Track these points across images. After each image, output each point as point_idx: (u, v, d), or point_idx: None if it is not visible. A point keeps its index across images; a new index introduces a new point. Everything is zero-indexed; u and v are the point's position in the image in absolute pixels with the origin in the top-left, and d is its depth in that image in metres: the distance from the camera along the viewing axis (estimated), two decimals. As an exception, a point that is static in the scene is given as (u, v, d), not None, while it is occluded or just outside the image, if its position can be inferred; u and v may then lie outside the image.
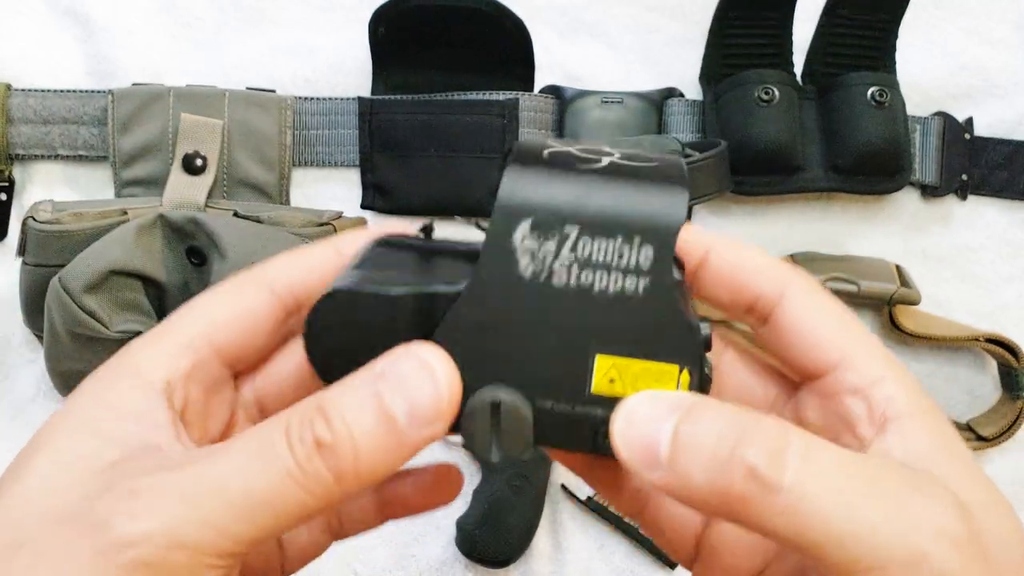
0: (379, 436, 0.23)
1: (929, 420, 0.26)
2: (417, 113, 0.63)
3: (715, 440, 0.22)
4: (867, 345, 0.27)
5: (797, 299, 0.27)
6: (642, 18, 0.67)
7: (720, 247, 0.28)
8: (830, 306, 0.27)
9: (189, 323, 0.27)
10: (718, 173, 0.58)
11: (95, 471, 0.23)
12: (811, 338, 0.27)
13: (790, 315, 0.27)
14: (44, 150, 0.63)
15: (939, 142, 0.66)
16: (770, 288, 0.28)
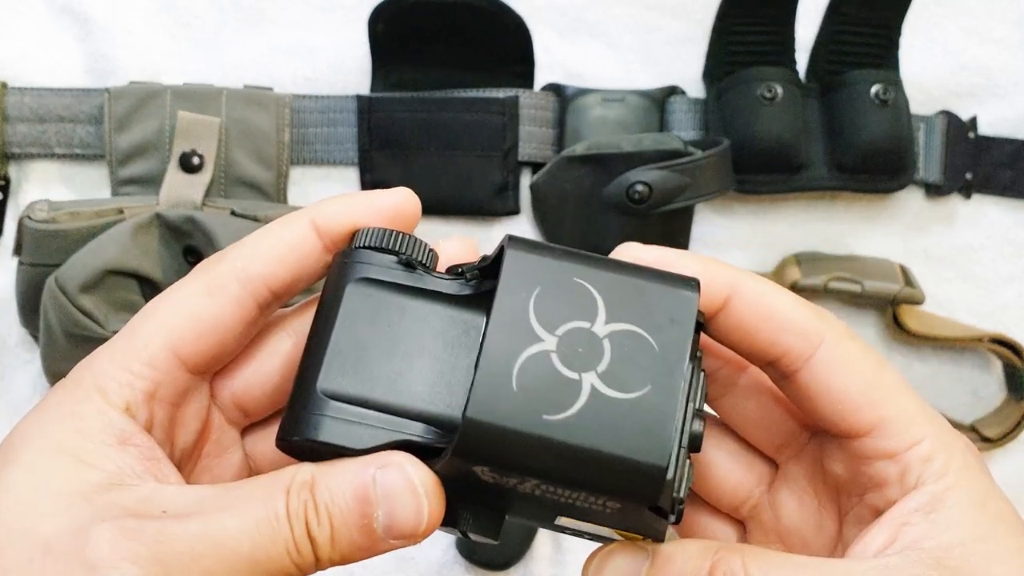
0: (357, 539, 0.24)
1: (962, 484, 0.24)
2: (416, 111, 0.62)
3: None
4: (905, 405, 0.26)
5: (828, 358, 0.26)
6: (643, 17, 0.67)
7: (745, 290, 0.26)
8: (867, 363, 0.26)
9: (150, 333, 0.26)
10: (720, 171, 0.57)
11: (81, 496, 0.23)
12: (845, 400, 0.26)
13: (820, 375, 0.26)
14: (40, 149, 0.63)
15: (943, 141, 0.65)
16: (799, 345, 0.26)
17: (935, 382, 0.66)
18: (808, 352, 0.26)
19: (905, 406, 0.26)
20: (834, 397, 0.26)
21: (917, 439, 0.25)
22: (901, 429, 0.25)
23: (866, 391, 0.26)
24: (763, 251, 0.65)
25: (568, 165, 0.58)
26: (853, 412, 0.26)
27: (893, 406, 0.26)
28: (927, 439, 0.25)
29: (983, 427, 0.64)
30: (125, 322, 0.54)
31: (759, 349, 0.26)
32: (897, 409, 0.26)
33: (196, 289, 0.26)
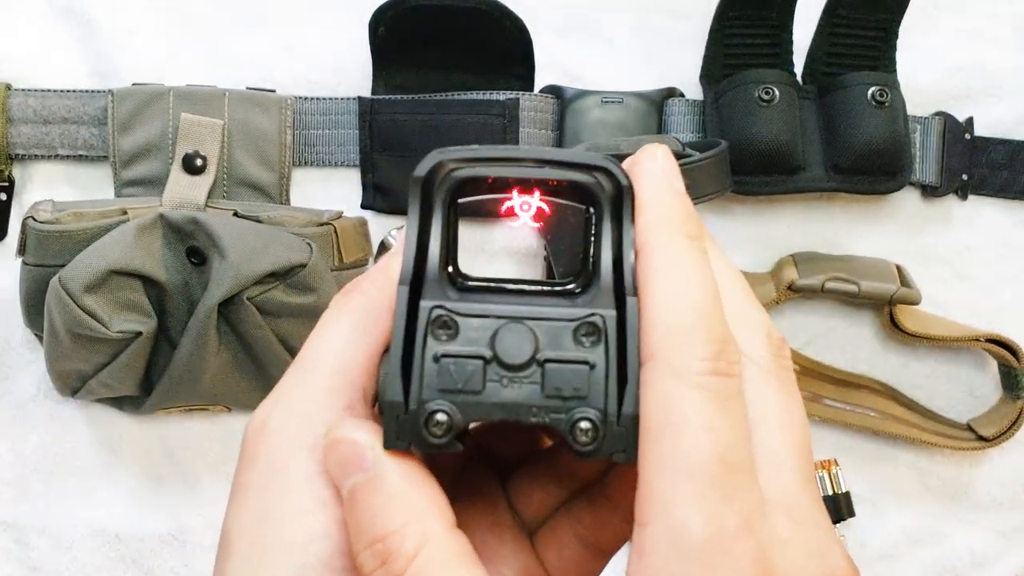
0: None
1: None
2: (417, 113, 0.63)
3: (356, 532, 0.22)
4: (676, 465, 0.21)
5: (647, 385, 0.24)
6: (642, 18, 0.67)
7: None
8: (682, 398, 0.23)
9: (320, 366, 0.24)
10: (719, 173, 0.58)
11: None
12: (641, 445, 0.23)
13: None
14: (44, 150, 0.63)
15: (939, 142, 0.66)
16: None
17: (931, 382, 0.67)
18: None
19: (655, 475, 0.22)
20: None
21: (644, 521, 0.21)
22: (642, 498, 0.22)
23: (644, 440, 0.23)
24: (761, 252, 0.66)
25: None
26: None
27: (649, 469, 0.22)
28: (651, 528, 0.21)
29: (979, 426, 0.64)
30: (128, 322, 0.55)
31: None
32: (650, 474, 0.22)
33: (361, 316, 0.25)
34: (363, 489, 0.22)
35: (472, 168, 0.24)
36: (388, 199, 0.64)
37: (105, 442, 0.63)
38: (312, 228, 0.59)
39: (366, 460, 0.22)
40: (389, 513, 0.22)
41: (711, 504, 0.20)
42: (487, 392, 0.22)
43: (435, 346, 0.22)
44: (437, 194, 0.24)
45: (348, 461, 0.22)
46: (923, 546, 0.66)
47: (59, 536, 0.63)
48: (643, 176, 0.24)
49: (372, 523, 0.22)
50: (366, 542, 0.21)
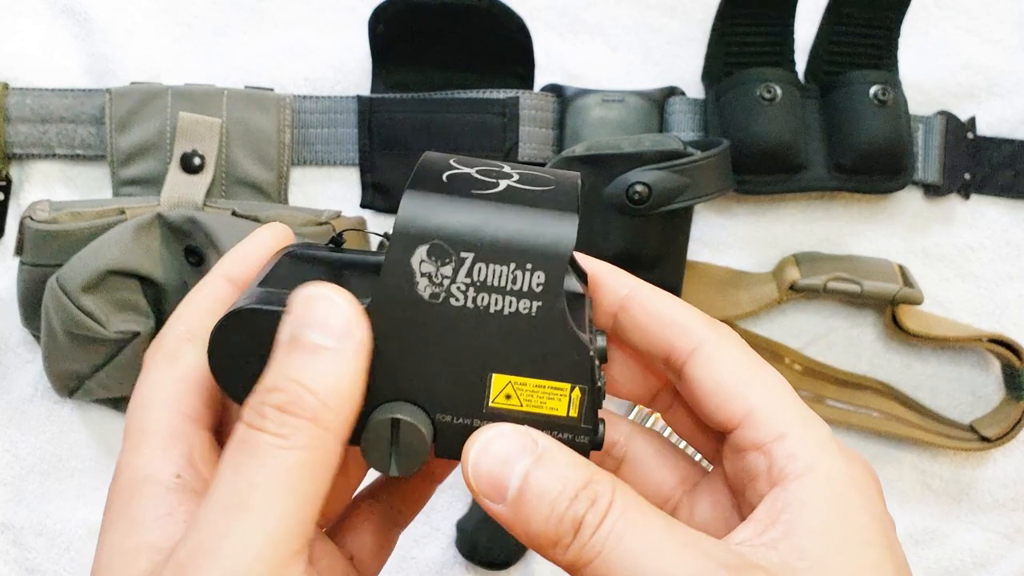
0: (319, 366, 0.24)
1: (826, 483, 0.25)
2: (417, 111, 0.62)
3: (557, 491, 0.24)
4: (776, 398, 0.27)
5: (709, 353, 0.28)
6: (643, 17, 0.67)
7: (639, 295, 0.29)
8: (742, 360, 0.28)
9: (153, 407, 0.27)
10: (720, 172, 0.57)
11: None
12: (719, 392, 0.27)
13: (701, 369, 0.28)
14: (42, 149, 0.63)
15: (941, 141, 0.65)
16: (682, 342, 0.28)
17: (934, 382, 0.66)
18: (690, 348, 0.28)
19: (775, 401, 0.27)
20: (711, 389, 0.27)
21: (782, 432, 0.26)
22: (768, 421, 0.26)
23: (738, 384, 0.27)
24: (762, 251, 0.66)
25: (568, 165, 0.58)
26: (725, 403, 0.27)
27: (762, 400, 0.27)
28: (792, 435, 0.26)
29: (982, 427, 0.64)
30: (126, 322, 0.55)
31: (654, 345, 0.29)
32: (766, 402, 0.27)
33: (157, 366, 0.28)
34: (533, 471, 0.24)
35: None
36: (387, 198, 0.64)
37: (103, 443, 0.63)
38: (311, 227, 0.59)
39: (528, 446, 0.25)
40: (575, 469, 0.24)
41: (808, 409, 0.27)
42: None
43: (596, 377, 0.26)
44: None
45: (510, 455, 0.24)
46: (925, 546, 0.66)
47: (57, 537, 0.63)
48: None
49: (567, 481, 0.24)
50: (569, 499, 0.24)
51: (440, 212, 0.25)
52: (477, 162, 0.27)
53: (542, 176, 0.27)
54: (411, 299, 0.25)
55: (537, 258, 0.24)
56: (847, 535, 0.25)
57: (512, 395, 0.26)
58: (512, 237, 0.25)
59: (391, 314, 0.25)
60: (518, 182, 0.26)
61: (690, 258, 0.62)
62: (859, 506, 0.26)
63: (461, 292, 0.25)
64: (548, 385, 0.25)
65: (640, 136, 0.58)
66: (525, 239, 0.25)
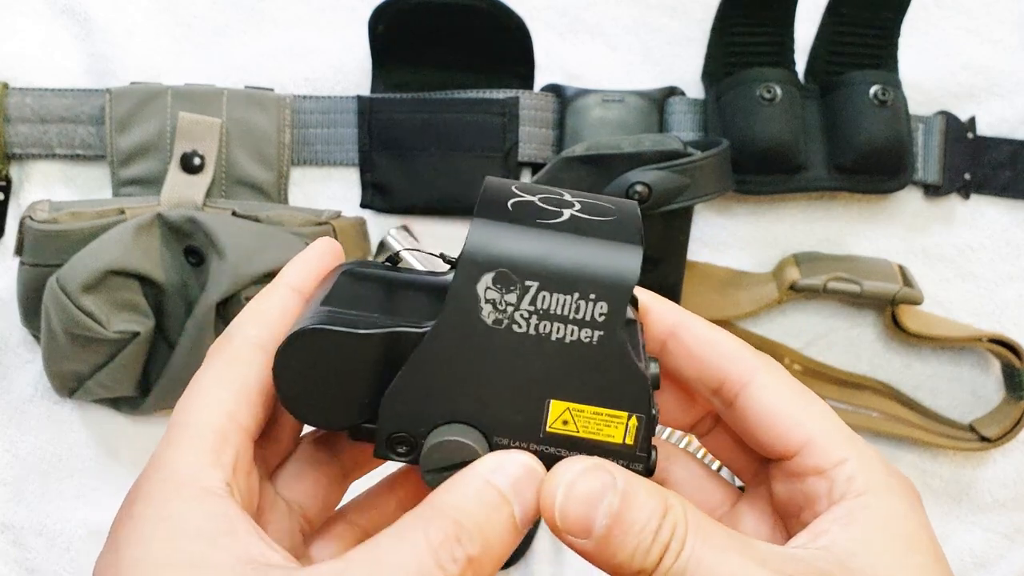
0: (508, 538, 0.25)
1: (880, 498, 0.27)
2: (417, 111, 0.62)
3: (642, 524, 0.25)
4: (831, 427, 0.28)
5: (763, 384, 0.29)
6: (643, 17, 0.67)
7: (689, 324, 0.30)
8: (795, 390, 0.29)
9: (209, 416, 0.27)
10: (720, 172, 0.57)
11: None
12: (777, 423, 0.29)
13: (756, 400, 0.29)
14: (42, 149, 0.63)
15: (941, 141, 0.65)
16: (737, 373, 0.29)
17: (934, 382, 0.66)
18: (745, 379, 0.29)
19: (830, 429, 0.28)
20: (768, 421, 0.29)
21: (843, 458, 0.28)
22: (828, 448, 0.28)
23: (795, 414, 0.28)
24: (762, 251, 0.66)
25: (568, 166, 0.58)
26: (784, 434, 0.28)
27: (820, 428, 0.28)
28: (851, 459, 0.28)
29: (982, 427, 0.64)
30: (126, 322, 0.55)
31: (705, 376, 0.30)
32: (824, 431, 0.28)
33: (225, 366, 0.28)
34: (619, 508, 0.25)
35: None
36: (387, 198, 0.64)
37: (103, 443, 0.63)
38: (311, 227, 0.59)
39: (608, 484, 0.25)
40: (654, 499, 0.25)
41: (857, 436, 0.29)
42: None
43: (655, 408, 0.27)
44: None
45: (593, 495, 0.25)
46: (925, 547, 0.66)
47: (57, 537, 0.63)
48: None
49: (650, 512, 0.25)
50: (654, 530, 0.25)
51: (507, 240, 0.25)
52: (539, 189, 0.28)
53: (603, 205, 0.28)
54: (475, 324, 0.26)
55: (601, 289, 0.25)
56: (896, 540, 0.27)
57: (569, 421, 0.26)
58: (577, 267, 0.25)
59: (454, 338, 0.26)
60: (580, 211, 0.27)
61: (690, 258, 0.62)
62: (908, 516, 0.27)
63: (524, 319, 0.26)
64: (606, 413, 0.26)
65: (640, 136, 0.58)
66: (590, 270, 0.25)
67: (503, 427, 0.27)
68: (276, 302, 0.29)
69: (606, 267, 0.25)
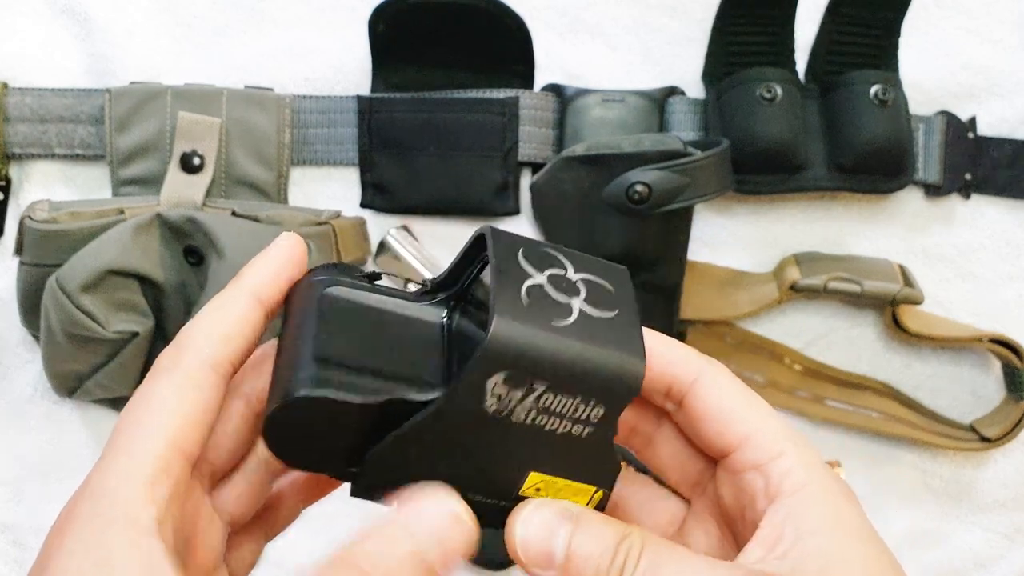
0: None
1: (819, 495, 0.28)
2: (417, 111, 0.62)
3: (600, 551, 0.26)
4: (769, 424, 0.29)
5: (706, 384, 0.30)
6: (643, 17, 0.66)
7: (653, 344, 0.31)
8: (738, 390, 0.30)
9: (153, 434, 0.26)
10: (720, 172, 0.57)
11: None
12: (718, 419, 0.30)
13: (701, 399, 0.30)
14: (41, 149, 0.63)
15: (942, 141, 0.65)
16: (683, 375, 0.30)
17: (934, 382, 0.66)
18: (690, 379, 0.30)
19: (770, 425, 0.29)
20: (711, 416, 0.30)
21: (778, 452, 0.28)
22: (764, 443, 0.29)
23: (737, 411, 0.29)
24: (763, 251, 0.66)
25: (568, 165, 0.58)
26: (725, 429, 0.29)
27: (758, 424, 0.29)
28: (788, 454, 0.28)
29: (982, 427, 0.64)
30: (125, 322, 0.55)
31: (654, 380, 0.31)
32: (762, 426, 0.29)
33: (176, 385, 0.27)
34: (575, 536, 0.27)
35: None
36: (387, 198, 0.64)
37: (102, 443, 0.63)
38: (311, 227, 0.59)
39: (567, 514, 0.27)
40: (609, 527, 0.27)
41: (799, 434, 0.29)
42: None
43: None
44: None
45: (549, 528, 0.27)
46: (926, 547, 0.66)
47: (56, 537, 0.63)
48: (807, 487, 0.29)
49: (606, 540, 0.26)
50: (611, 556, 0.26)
51: (525, 342, 0.26)
52: (544, 257, 0.28)
53: (605, 289, 0.28)
54: (475, 411, 0.26)
55: (603, 396, 0.27)
56: (846, 537, 0.27)
57: (542, 488, 0.28)
58: (586, 374, 0.26)
59: (452, 419, 0.27)
60: (587, 302, 0.27)
61: (690, 258, 0.62)
62: (850, 511, 0.28)
63: (524, 412, 0.27)
64: (576, 486, 0.28)
65: (640, 136, 0.58)
66: (598, 378, 0.26)
67: (479, 487, 0.28)
68: (235, 313, 0.28)
69: (612, 378, 0.26)
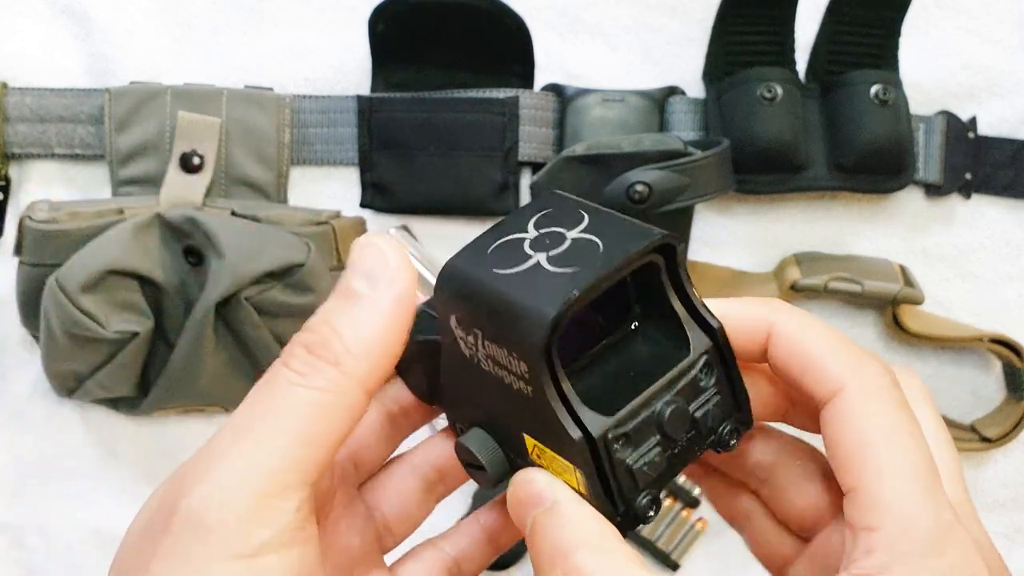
0: (351, 312, 0.25)
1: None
2: (417, 111, 0.62)
3: (544, 552, 0.25)
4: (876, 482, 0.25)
5: (838, 408, 0.26)
6: (643, 17, 0.66)
7: (780, 329, 0.27)
8: (869, 423, 0.25)
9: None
10: (720, 172, 0.57)
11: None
12: (835, 457, 0.26)
13: (828, 426, 0.26)
14: (41, 149, 0.63)
15: (942, 141, 0.65)
16: (819, 390, 0.26)
17: (935, 382, 0.66)
18: (826, 397, 0.26)
19: (884, 489, 0.24)
20: (831, 451, 0.26)
21: (872, 525, 0.24)
22: (864, 507, 0.25)
23: (855, 452, 0.25)
24: (763, 251, 0.65)
25: (568, 165, 0.58)
26: (839, 470, 0.26)
27: (871, 483, 0.25)
28: (882, 531, 0.24)
29: (983, 427, 0.64)
30: (125, 322, 0.55)
31: (792, 385, 0.27)
32: (872, 488, 0.25)
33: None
34: (543, 521, 0.25)
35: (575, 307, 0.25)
36: (387, 198, 0.64)
37: (102, 443, 0.63)
38: (310, 227, 0.59)
39: (545, 496, 0.25)
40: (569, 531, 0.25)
41: (932, 501, 0.24)
42: (671, 464, 0.27)
43: (622, 459, 0.26)
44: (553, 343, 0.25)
45: (529, 500, 0.26)
46: (926, 548, 0.65)
47: (56, 538, 0.63)
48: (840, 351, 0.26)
49: (554, 543, 0.25)
50: (550, 560, 0.24)
51: (463, 287, 0.26)
52: (564, 215, 0.27)
53: (588, 250, 0.26)
54: (460, 355, 0.27)
55: (518, 348, 0.25)
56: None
57: (540, 456, 0.27)
58: (498, 317, 0.25)
59: (451, 357, 0.28)
60: (551, 257, 0.26)
61: (690, 258, 0.62)
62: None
63: (484, 359, 0.26)
64: (560, 461, 0.26)
65: (640, 136, 0.58)
66: (507, 325, 0.25)
67: (507, 442, 0.28)
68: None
69: (521, 327, 0.24)
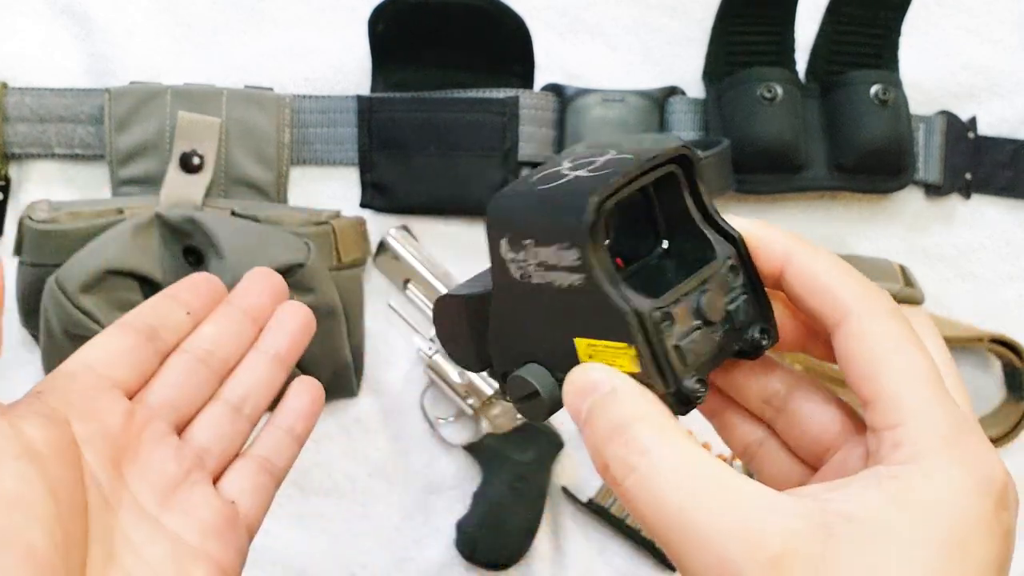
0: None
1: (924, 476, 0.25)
2: (416, 111, 0.62)
3: (601, 430, 0.27)
4: (902, 389, 0.27)
5: (848, 330, 0.28)
6: (643, 17, 0.67)
7: (795, 257, 0.30)
8: (879, 342, 0.28)
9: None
10: (721, 171, 0.57)
11: None
12: (851, 372, 0.28)
13: (840, 346, 0.28)
14: (41, 149, 0.63)
15: (942, 141, 0.65)
16: (830, 314, 0.29)
17: (935, 382, 0.66)
18: (836, 320, 0.29)
19: (901, 390, 0.27)
20: (847, 368, 0.28)
21: (895, 423, 0.26)
22: (886, 409, 0.27)
23: (870, 364, 0.27)
24: (763, 251, 0.65)
25: (568, 165, 0.58)
26: (857, 383, 0.28)
27: (889, 387, 0.27)
28: (905, 426, 0.26)
29: (983, 427, 0.64)
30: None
31: (806, 311, 0.30)
32: (890, 391, 0.27)
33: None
34: (600, 403, 0.27)
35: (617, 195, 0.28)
36: (387, 198, 0.63)
37: (102, 443, 0.63)
38: (310, 227, 0.59)
39: (602, 383, 0.27)
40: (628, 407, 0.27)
41: (946, 398, 0.27)
42: (712, 351, 0.29)
43: (669, 339, 0.28)
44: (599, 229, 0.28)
45: (586, 387, 0.28)
46: (926, 548, 0.65)
47: (55, 538, 0.63)
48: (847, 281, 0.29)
49: (612, 420, 0.27)
50: (608, 436, 0.27)
51: (510, 207, 0.29)
52: (591, 154, 0.30)
53: (618, 162, 0.29)
54: (510, 282, 0.29)
55: (566, 237, 0.27)
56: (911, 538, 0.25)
57: (594, 355, 0.29)
58: (544, 217, 0.28)
59: (503, 295, 0.30)
60: (586, 168, 0.29)
61: (690, 258, 0.62)
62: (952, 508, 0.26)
63: (535, 271, 0.29)
64: (613, 346, 0.28)
65: (640, 136, 0.58)
66: (554, 222, 0.28)
67: (555, 363, 0.29)
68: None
69: (565, 217, 0.27)
